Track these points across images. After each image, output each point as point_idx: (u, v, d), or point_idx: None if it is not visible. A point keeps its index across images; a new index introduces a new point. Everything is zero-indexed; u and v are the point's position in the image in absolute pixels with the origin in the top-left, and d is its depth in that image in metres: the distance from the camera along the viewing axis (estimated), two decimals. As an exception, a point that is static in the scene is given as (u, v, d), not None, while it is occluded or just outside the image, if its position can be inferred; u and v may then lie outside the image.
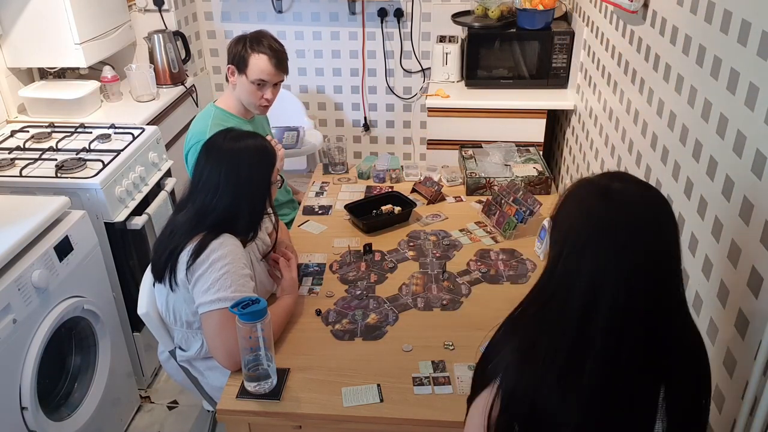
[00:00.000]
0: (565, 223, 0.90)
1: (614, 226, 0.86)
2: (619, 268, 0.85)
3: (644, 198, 0.89)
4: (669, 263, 0.89)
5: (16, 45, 2.63)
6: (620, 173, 0.95)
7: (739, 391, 1.15)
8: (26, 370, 1.76)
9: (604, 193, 0.88)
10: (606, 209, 0.87)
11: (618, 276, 0.85)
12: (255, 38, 2.11)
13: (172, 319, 1.68)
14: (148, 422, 2.39)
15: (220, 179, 1.59)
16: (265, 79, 2.11)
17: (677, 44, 1.55)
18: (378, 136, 3.74)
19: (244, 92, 2.15)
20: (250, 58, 2.09)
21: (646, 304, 0.87)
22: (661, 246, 0.87)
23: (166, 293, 1.63)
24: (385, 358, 1.59)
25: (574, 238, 0.87)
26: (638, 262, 0.85)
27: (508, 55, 2.92)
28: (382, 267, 1.96)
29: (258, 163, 1.64)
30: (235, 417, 1.48)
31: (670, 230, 0.89)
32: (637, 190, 0.89)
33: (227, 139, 1.65)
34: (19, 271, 1.74)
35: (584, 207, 0.89)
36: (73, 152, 2.33)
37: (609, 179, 0.91)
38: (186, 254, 1.55)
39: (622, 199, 0.87)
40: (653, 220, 0.88)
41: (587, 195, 0.90)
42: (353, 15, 3.40)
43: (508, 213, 2.11)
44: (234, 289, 1.53)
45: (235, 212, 1.61)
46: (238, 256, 1.58)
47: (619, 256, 0.85)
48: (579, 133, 2.64)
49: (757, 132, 1.13)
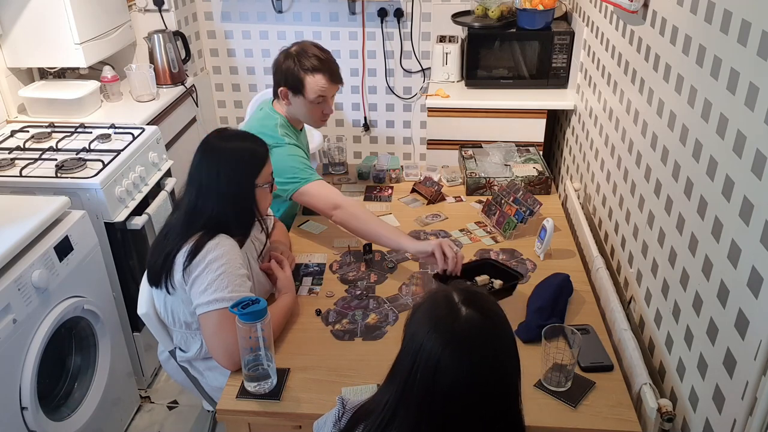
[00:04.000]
0: (417, 337, 1.00)
1: (461, 348, 0.97)
2: (464, 382, 0.97)
3: (489, 325, 1.00)
4: (509, 379, 1.02)
5: (16, 45, 2.63)
6: (473, 295, 1.03)
7: (739, 391, 1.15)
8: (26, 370, 1.76)
9: (455, 317, 0.98)
10: (453, 333, 0.97)
11: (464, 388, 0.97)
12: (304, 54, 2.04)
13: (171, 320, 1.68)
14: (148, 422, 2.39)
15: (202, 179, 1.60)
16: (325, 95, 2.07)
17: (677, 44, 1.55)
18: (378, 136, 3.74)
19: (303, 111, 2.10)
20: (306, 78, 2.03)
21: (482, 409, 0.98)
22: (501, 365, 1.00)
23: (164, 296, 1.63)
24: (385, 358, 1.56)
25: (426, 354, 0.97)
26: (482, 378, 0.97)
27: (508, 55, 2.92)
28: (382, 267, 1.96)
29: (241, 166, 1.61)
30: (235, 417, 1.48)
31: (509, 352, 1.02)
32: (481, 318, 0.99)
33: (217, 138, 1.65)
34: (19, 271, 1.74)
35: (436, 327, 0.99)
36: (73, 152, 2.33)
37: (461, 301, 1.00)
38: (182, 255, 1.55)
39: (471, 325, 0.98)
40: (494, 345, 1.00)
41: (439, 314, 1.00)
42: (353, 15, 3.40)
43: (508, 213, 2.11)
44: (231, 289, 1.53)
45: (223, 213, 1.59)
46: (234, 256, 1.58)
47: (464, 372, 0.96)
48: (579, 133, 2.64)
49: (757, 132, 1.13)
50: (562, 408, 1.44)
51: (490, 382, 0.98)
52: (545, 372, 1.48)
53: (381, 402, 1.05)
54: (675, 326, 1.47)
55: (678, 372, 1.44)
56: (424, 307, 1.02)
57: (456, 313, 0.99)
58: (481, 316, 0.99)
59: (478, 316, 0.99)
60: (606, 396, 1.47)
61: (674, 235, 1.50)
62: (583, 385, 1.48)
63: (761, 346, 1.07)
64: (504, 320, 1.03)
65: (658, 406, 1.39)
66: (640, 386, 1.46)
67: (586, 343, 1.57)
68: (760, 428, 1.06)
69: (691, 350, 1.38)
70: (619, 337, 1.64)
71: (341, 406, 1.14)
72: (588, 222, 2.21)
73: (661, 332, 1.56)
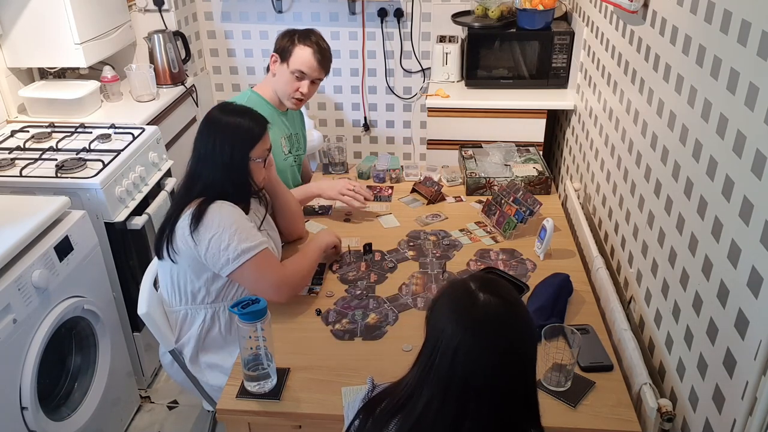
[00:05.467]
0: (439, 324, 1.04)
1: (480, 332, 1.01)
2: (484, 364, 1.00)
3: (506, 308, 1.03)
4: (527, 361, 1.04)
5: (16, 45, 2.62)
6: (489, 281, 1.07)
7: (739, 391, 1.15)
8: (26, 370, 1.76)
9: (473, 302, 1.02)
10: (473, 319, 1.01)
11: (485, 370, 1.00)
12: (304, 33, 2.17)
13: (177, 298, 1.72)
14: (148, 422, 2.39)
15: (201, 148, 1.69)
16: (305, 72, 2.15)
17: (677, 44, 1.55)
18: (378, 136, 3.74)
19: (282, 81, 2.18)
20: (295, 48, 2.13)
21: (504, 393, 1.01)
22: (519, 347, 1.03)
23: (170, 268, 1.69)
24: (385, 358, 1.59)
25: (447, 339, 1.01)
26: (501, 360, 1.00)
27: (508, 55, 2.92)
28: (382, 267, 1.96)
29: (236, 140, 1.70)
30: (235, 417, 1.48)
31: (527, 334, 1.04)
32: (499, 301, 1.03)
33: (220, 110, 1.74)
34: (19, 271, 1.74)
35: (455, 313, 1.03)
36: (73, 152, 2.33)
37: (478, 288, 1.04)
38: (185, 220, 1.62)
39: (488, 310, 1.01)
40: (512, 327, 1.03)
41: (457, 301, 1.04)
42: (353, 15, 3.40)
43: (508, 213, 2.11)
44: (249, 237, 1.63)
45: (219, 182, 1.68)
46: (238, 213, 1.67)
47: (484, 355, 1.00)
48: (579, 133, 2.64)
49: (757, 132, 1.13)
50: (562, 408, 1.44)
51: (509, 363, 1.01)
52: (545, 372, 1.48)
53: (403, 383, 1.10)
54: (675, 326, 1.47)
55: (678, 372, 1.44)
56: (444, 296, 1.07)
57: (474, 298, 1.03)
58: (498, 300, 1.03)
59: (496, 300, 1.02)
60: (606, 396, 1.47)
61: (674, 235, 1.50)
62: (583, 385, 1.48)
63: (761, 346, 1.07)
64: (520, 304, 1.07)
65: (658, 406, 1.39)
66: (640, 386, 1.46)
67: (585, 343, 1.57)
68: (760, 428, 1.06)
69: (691, 350, 1.38)
70: (619, 337, 1.64)
71: (371, 386, 1.20)
72: (588, 222, 2.21)
73: (661, 332, 1.56)
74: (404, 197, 2.38)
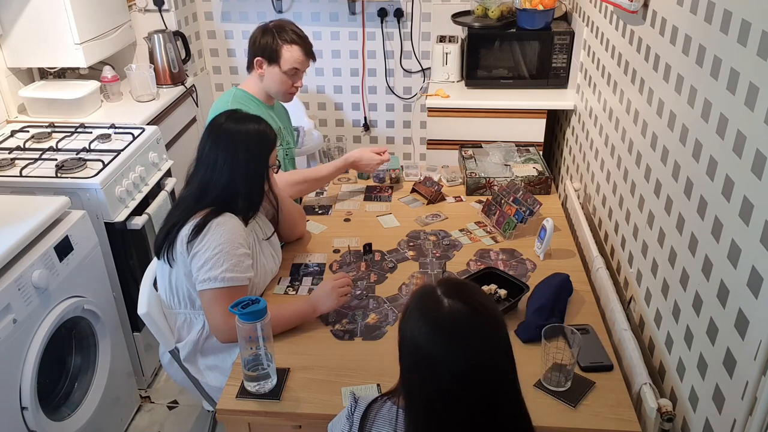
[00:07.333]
0: (406, 330, 1.06)
1: (442, 338, 1.02)
2: (454, 371, 1.01)
3: (469, 314, 1.04)
4: (499, 363, 1.04)
5: (16, 45, 2.63)
6: (458, 286, 1.09)
7: (739, 391, 1.15)
8: (26, 370, 1.76)
9: (437, 308, 1.04)
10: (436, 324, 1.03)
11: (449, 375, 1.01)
12: (280, 28, 2.16)
13: (176, 300, 1.73)
14: (148, 422, 2.39)
15: (218, 158, 1.67)
16: (299, 68, 2.18)
17: (677, 44, 1.55)
18: (378, 136, 3.74)
19: (275, 82, 2.19)
20: (282, 49, 2.14)
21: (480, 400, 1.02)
22: (489, 352, 1.03)
23: (168, 271, 1.69)
24: (385, 358, 1.58)
25: (413, 344, 1.04)
26: (473, 364, 1.01)
27: (508, 55, 2.92)
28: (382, 267, 1.96)
29: (256, 148, 1.71)
30: (235, 417, 1.48)
31: (493, 341, 1.04)
32: (463, 307, 1.03)
33: (231, 120, 1.73)
34: (19, 271, 1.74)
35: (420, 319, 1.05)
36: (73, 152, 2.33)
37: (444, 293, 1.05)
38: (187, 228, 1.62)
39: (451, 316, 1.03)
40: (479, 332, 1.03)
41: (424, 307, 1.06)
42: (353, 15, 3.40)
43: (508, 213, 2.11)
44: (225, 268, 1.60)
45: (234, 191, 1.68)
46: (235, 235, 1.64)
47: (447, 360, 1.01)
48: (579, 133, 2.64)
49: (757, 132, 1.13)
50: (562, 408, 1.44)
51: (475, 369, 1.02)
52: (545, 372, 1.48)
53: (389, 392, 1.12)
54: (675, 326, 1.47)
55: (678, 372, 1.44)
56: (413, 304, 1.08)
57: (439, 304, 1.04)
58: (463, 305, 1.04)
59: (460, 305, 1.03)
60: (606, 396, 1.47)
61: (674, 235, 1.50)
62: (583, 385, 1.48)
63: (761, 346, 1.07)
64: (486, 309, 1.07)
65: (658, 406, 1.39)
66: (640, 386, 1.46)
67: (585, 342, 1.57)
68: (760, 428, 1.06)
69: (691, 350, 1.38)
70: (619, 337, 1.64)
71: (353, 401, 1.19)
72: (588, 222, 2.21)
73: (661, 332, 1.56)
74: (404, 197, 2.38)
